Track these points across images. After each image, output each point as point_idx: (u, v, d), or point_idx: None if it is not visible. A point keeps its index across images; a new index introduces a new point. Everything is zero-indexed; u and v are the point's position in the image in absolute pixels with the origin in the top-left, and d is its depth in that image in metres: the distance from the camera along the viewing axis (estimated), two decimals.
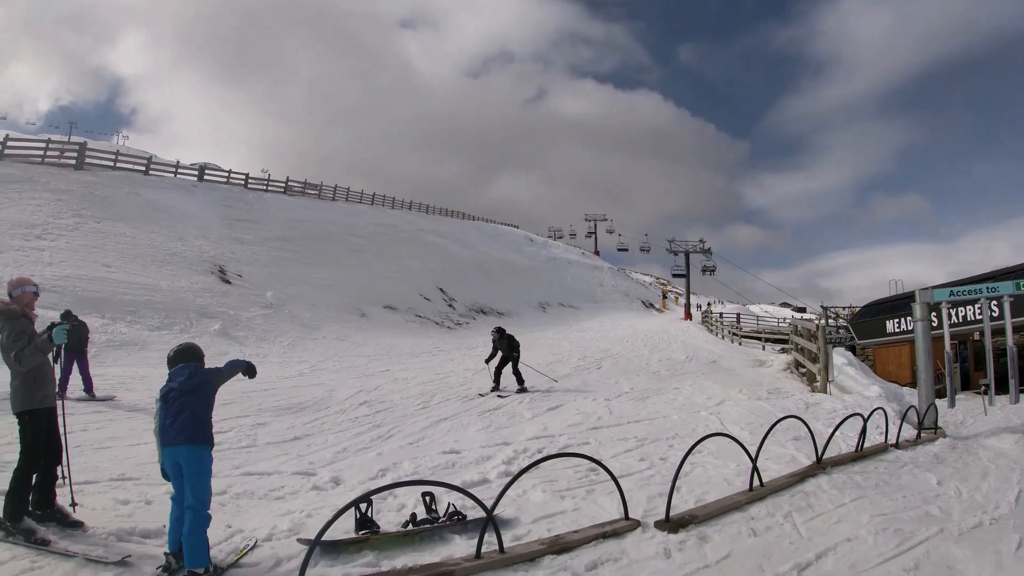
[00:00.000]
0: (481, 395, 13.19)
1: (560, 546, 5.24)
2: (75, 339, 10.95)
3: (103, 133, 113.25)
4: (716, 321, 35.50)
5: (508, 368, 14.29)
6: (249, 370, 5.30)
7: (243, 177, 39.25)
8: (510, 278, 44.45)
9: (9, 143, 29.59)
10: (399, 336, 23.97)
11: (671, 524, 5.69)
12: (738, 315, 38.92)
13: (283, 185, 42.25)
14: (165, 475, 4.83)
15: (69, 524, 5.38)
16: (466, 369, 16.71)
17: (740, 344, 29.05)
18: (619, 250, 74.69)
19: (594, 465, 6.16)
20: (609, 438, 9.53)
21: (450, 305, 34.32)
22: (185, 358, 5.05)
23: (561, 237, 79.97)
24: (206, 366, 5.14)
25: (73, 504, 5.54)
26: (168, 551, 4.61)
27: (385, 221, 44.06)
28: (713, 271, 52.46)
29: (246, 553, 5.01)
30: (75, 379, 11.17)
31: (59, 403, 5.67)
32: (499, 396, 13.07)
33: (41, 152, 30.61)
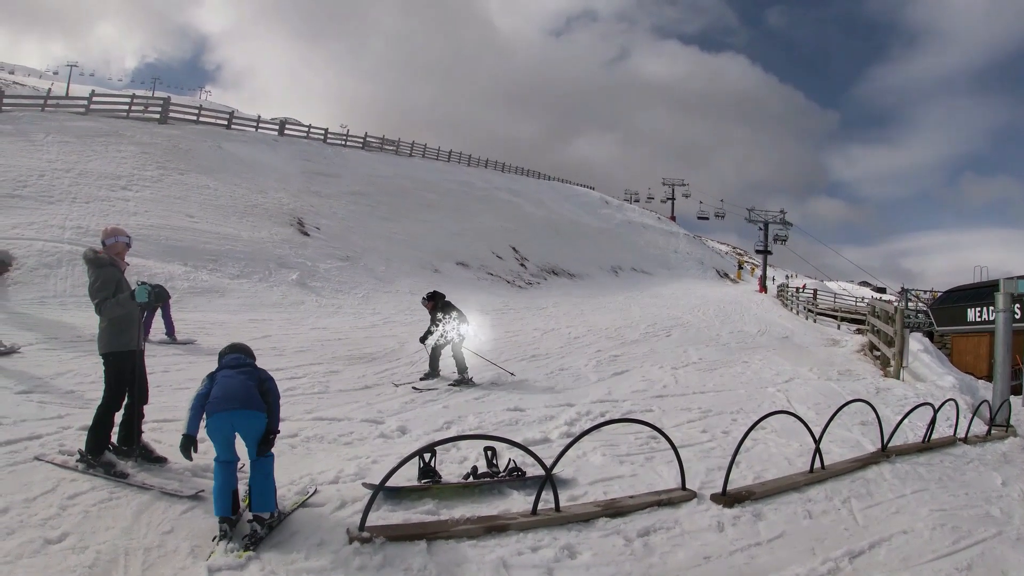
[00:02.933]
0: (396, 385, 9.82)
1: (615, 509, 5.34)
2: (156, 301, 11.50)
3: (187, 89, 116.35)
4: (792, 296, 34.86)
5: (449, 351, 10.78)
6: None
7: (322, 132, 40.01)
8: (583, 240, 44.22)
9: (95, 98, 30.71)
10: (470, 293, 24.10)
11: (727, 498, 5.71)
12: (815, 291, 38.03)
13: (361, 140, 42.85)
14: (187, 445, 4.70)
15: (153, 459, 5.69)
16: (535, 328, 16.84)
17: (815, 321, 28.50)
18: (699, 218, 73.22)
19: (655, 433, 6.21)
20: (673, 407, 9.55)
21: (522, 264, 34.41)
22: (238, 350, 5.24)
23: (637, 201, 78.92)
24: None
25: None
26: (219, 516, 4.61)
27: (461, 178, 44.35)
28: (785, 240, 51.17)
29: (308, 499, 5.18)
30: (158, 323, 11.74)
31: (143, 346, 5.93)
32: (414, 388, 9.65)
33: (126, 107, 31.79)
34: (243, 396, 4.73)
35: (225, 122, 34.91)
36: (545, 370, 11.84)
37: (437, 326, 10.74)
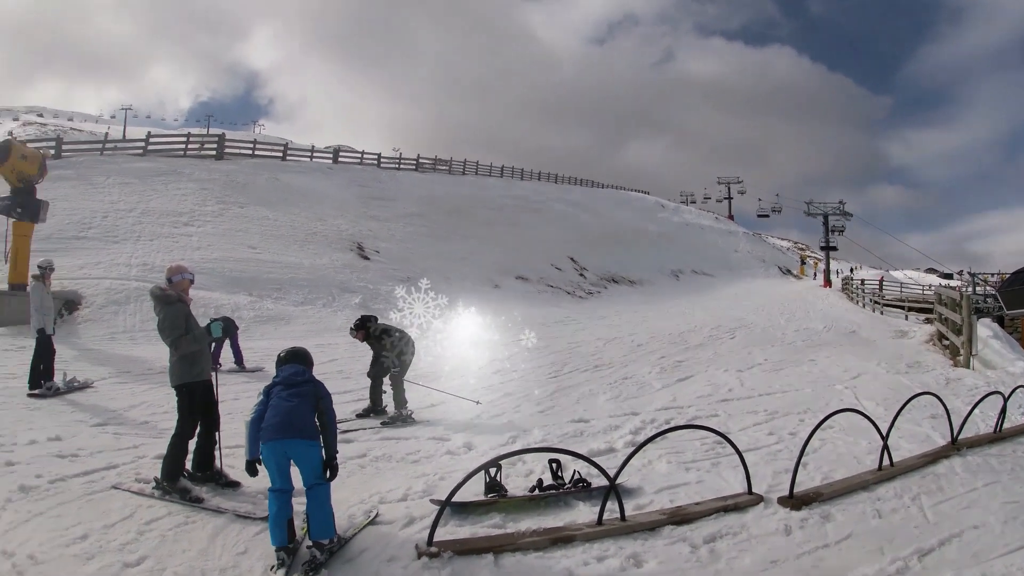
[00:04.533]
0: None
1: (680, 517, 5.37)
2: (224, 334, 11.97)
3: (241, 124, 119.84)
4: (857, 288, 34.19)
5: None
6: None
7: (375, 157, 40.74)
8: (641, 246, 43.92)
9: (152, 139, 31.95)
10: (531, 306, 24.24)
11: (794, 501, 5.70)
12: (880, 281, 37.21)
13: (414, 163, 43.46)
14: (251, 469, 4.80)
15: (226, 484, 5.97)
16: (597, 338, 16.86)
17: (882, 313, 27.90)
18: (759, 216, 72.28)
19: (721, 438, 6.24)
20: (739, 410, 9.52)
21: (581, 274, 34.42)
22: (295, 359, 5.24)
23: (694, 202, 78.29)
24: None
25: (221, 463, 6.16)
26: (275, 545, 4.65)
27: (515, 193, 44.55)
28: (842, 231, 49.93)
29: (368, 524, 5.23)
30: (227, 353, 12.16)
31: (214, 375, 6.30)
32: (348, 424, 8.50)
33: (183, 146, 33.02)
34: (297, 424, 4.77)
35: (280, 154, 35.82)
36: (609, 380, 11.89)
37: (386, 355, 9.59)
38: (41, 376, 10.06)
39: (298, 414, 4.79)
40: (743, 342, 16.94)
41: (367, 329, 10.26)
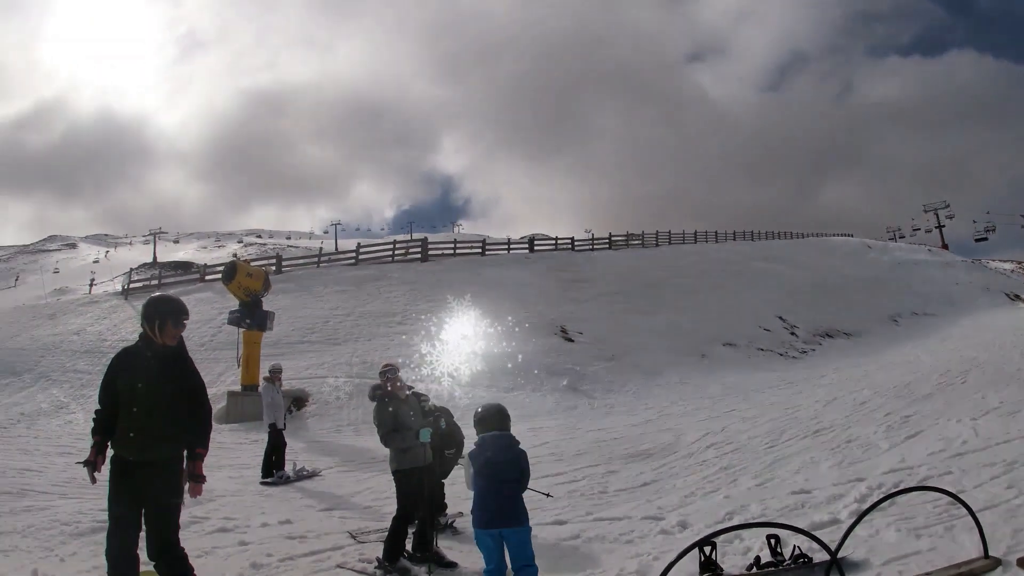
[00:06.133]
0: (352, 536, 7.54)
1: None
2: (436, 423, 12.88)
3: (441, 226, 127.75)
4: None
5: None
6: None
7: (569, 241, 41.89)
8: (852, 293, 41.68)
9: (362, 249, 34.81)
10: (742, 373, 23.66)
11: None
12: None
13: (607, 241, 44.12)
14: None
15: (445, 564, 6.33)
16: (815, 401, 16.20)
17: None
18: (976, 240, 67.21)
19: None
20: (974, 464, 8.83)
21: (792, 333, 33.08)
22: (500, 423, 5.23)
23: (902, 236, 73.86)
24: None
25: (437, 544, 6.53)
26: None
27: (712, 257, 43.94)
28: None
29: None
30: None
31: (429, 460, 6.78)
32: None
33: (390, 252, 35.55)
34: (509, 511, 4.87)
35: (479, 250, 37.79)
36: (831, 444, 11.39)
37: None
38: (273, 466, 11.37)
39: (511, 502, 4.91)
40: (975, 385, 15.63)
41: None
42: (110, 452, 4.51)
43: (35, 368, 23.48)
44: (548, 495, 9.67)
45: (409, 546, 6.50)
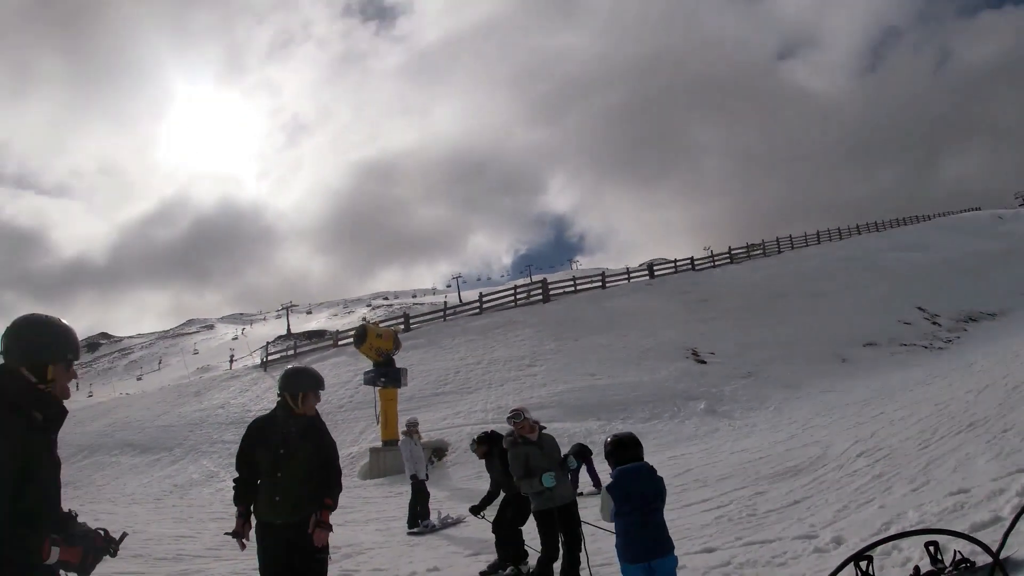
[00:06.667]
0: None
1: None
2: (580, 458, 13.04)
3: (559, 265, 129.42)
4: None
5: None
6: None
7: (688, 261, 41.31)
8: (989, 270, 39.34)
9: (484, 298, 35.67)
10: (886, 372, 22.59)
11: None
12: None
13: (727, 256, 43.32)
14: None
15: None
16: (966, 392, 15.33)
17: None
18: None
19: None
20: None
21: (934, 323, 31.43)
22: (636, 452, 5.02)
23: None
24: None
25: None
26: None
27: (837, 255, 42.51)
28: None
29: None
30: (584, 476, 13.10)
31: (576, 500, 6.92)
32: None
33: (512, 298, 36.08)
34: (659, 541, 4.73)
35: (600, 283, 37.68)
36: (986, 437, 10.76)
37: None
38: (418, 516, 11.74)
39: (660, 532, 4.79)
40: None
41: (492, 446, 8.71)
42: (253, 519, 4.76)
43: (184, 442, 25.06)
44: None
45: None
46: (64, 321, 3.00)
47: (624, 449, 5.02)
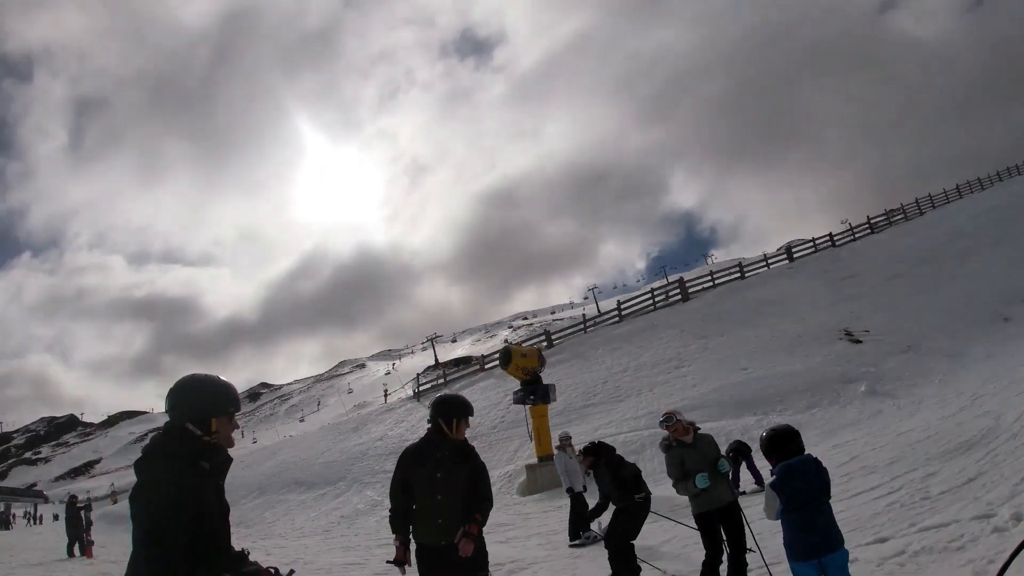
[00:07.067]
0: None
1: None
2: (741, 455, 13.24)
3: (693, 261, 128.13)
4: None
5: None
6: None
7: (827, 238, 39.83)
8: None
9: (623, 305, 35.91)
10: None
11: None
12: None
13: (867, 226, 41.52)
14: None
15: None
16: None
17: None
18: None
19: None
20: None
21: None
22: (798, 445, 4.81)
23: None
24: None
25: None
26: None
27: (983, 207, 39.73)
28: None
29: None
30: (745, 473, 13.34)
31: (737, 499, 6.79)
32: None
33: (650, 301, 36.12)
34: (831, 536, 4.54)
35: (738, 274, 37.00)
36: None
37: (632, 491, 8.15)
38: (579, 528, 11.90)
39: (831, 527, 4.57)
40: None
41: (600, 455, 8.66)
42: (412, 545, 4.96)
43: (347, 475, 26.30)
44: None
45: None
46: (222, 377, 3.29)
47: (784, 443, 4.83)
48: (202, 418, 3.10)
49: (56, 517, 53.55)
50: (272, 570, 3.04)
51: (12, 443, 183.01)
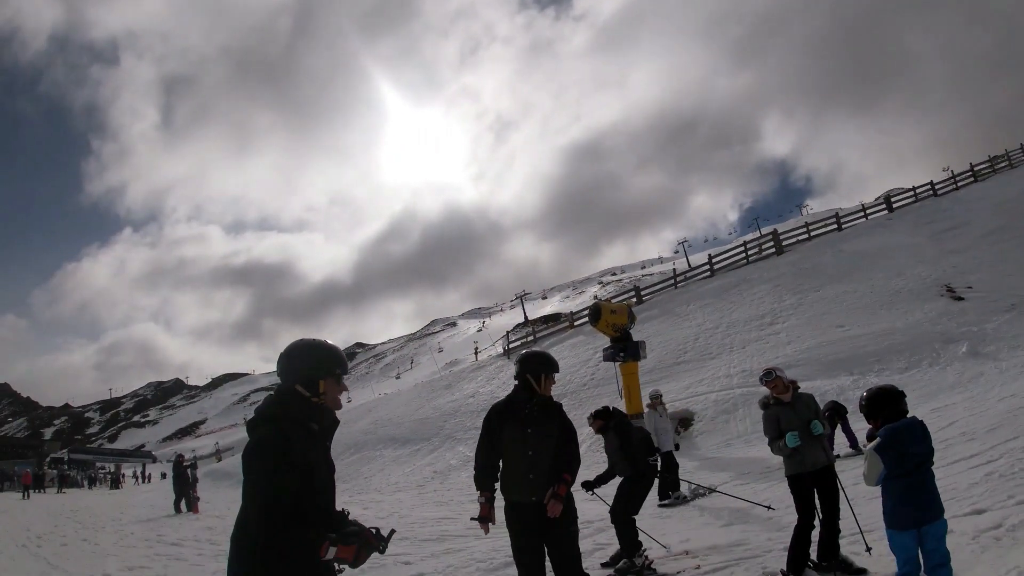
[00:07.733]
0: None
1: None
2: (838, 415, 13.25)
3: (787, 212, 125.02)
4: None
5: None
6: None
7: (928, 187, 38.38)
8: None
9: (714, 260, 35.28)
10: None
11: None
12: None
13: (970, 173, 39.68)
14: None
15: (853, 572, 6.08)
16: None
17: None
18: None
19: None
20: None
21: None
22: (903, 407, 4.66)
23: None
24: None
25: (868, 549, 6.12)
26: None
27: None
28: None
29: None
30: (840, 436, 13.29)
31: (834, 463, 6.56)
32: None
33: (743, 255, 35.49)
34: (931, 501, 4.45)
35: (834, 226, 36.18)
36: None
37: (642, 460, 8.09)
38: (669, 487, 12.20)
39: (934, 494, 4.47)
40: None
41: (608, 420, 8.55)
42: (498, 503, 5.03)
43: (440, 432, 27.38)
44: (770, 508, 8.94)
45: (814, 555, 6.26)
46: (329, 341, 3.37)
47: (889, 402, 4.64)
48: (311, 380, 3.20)
49: (164, 476, 57.35)
50: (373, 530, 3.07)
51: (122, 407, 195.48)
